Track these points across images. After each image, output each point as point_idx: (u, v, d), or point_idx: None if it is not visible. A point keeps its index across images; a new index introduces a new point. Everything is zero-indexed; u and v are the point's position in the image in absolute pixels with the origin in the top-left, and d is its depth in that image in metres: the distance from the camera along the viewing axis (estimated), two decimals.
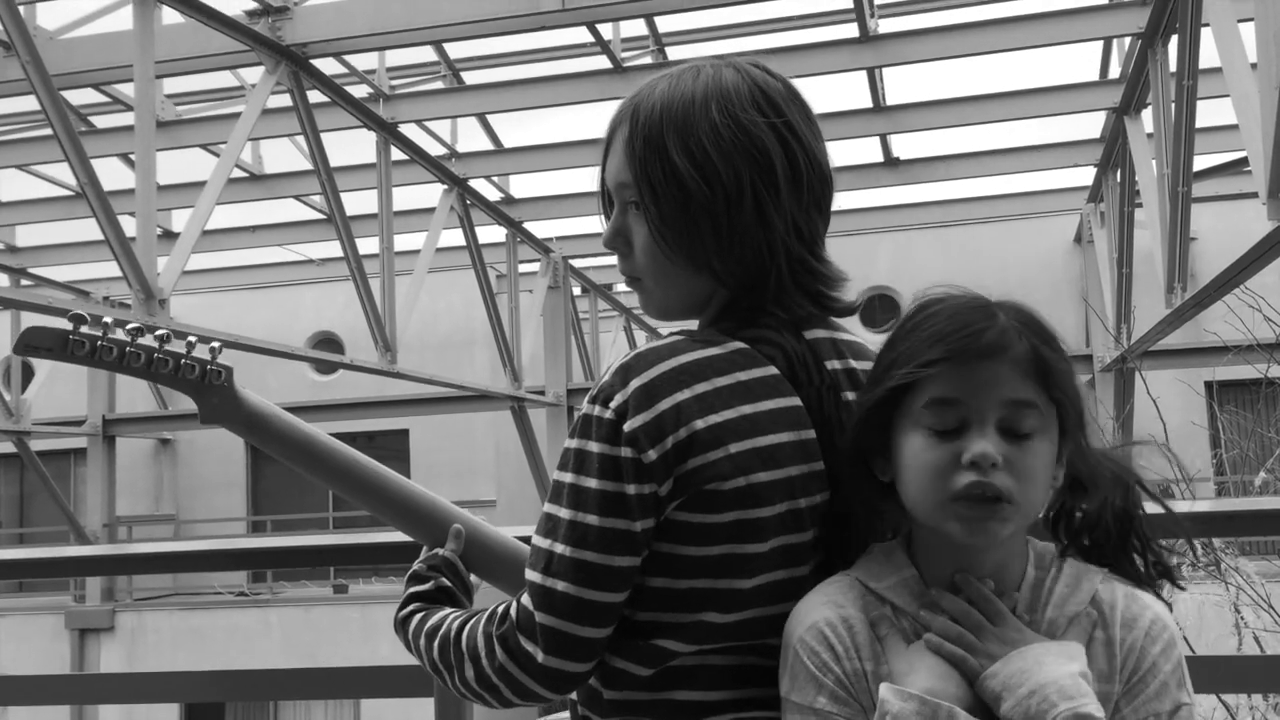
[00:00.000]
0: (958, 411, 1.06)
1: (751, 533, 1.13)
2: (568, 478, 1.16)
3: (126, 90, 9.47)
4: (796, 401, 1.17)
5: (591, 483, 1.13)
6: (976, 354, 1.05)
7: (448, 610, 1.32)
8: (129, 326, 1.36)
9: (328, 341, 16.56)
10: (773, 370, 1.18)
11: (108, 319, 1.33)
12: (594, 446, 1.14)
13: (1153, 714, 1.07)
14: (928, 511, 1.07)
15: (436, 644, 1.26)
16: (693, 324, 1.29)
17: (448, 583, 1.40)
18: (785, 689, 1.09)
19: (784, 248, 1.21)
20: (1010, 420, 1.06)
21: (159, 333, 1.38)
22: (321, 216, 12.90)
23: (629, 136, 1.24)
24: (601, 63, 9.53)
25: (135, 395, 16.08)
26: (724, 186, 1.19)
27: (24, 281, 14.00)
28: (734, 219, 1.19)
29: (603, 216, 1.32)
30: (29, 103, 8.53)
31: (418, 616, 1.33)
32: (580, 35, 9.24)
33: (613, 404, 1.14)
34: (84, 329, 1.33)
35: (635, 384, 1.14)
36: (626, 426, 1.12)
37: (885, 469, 1.13)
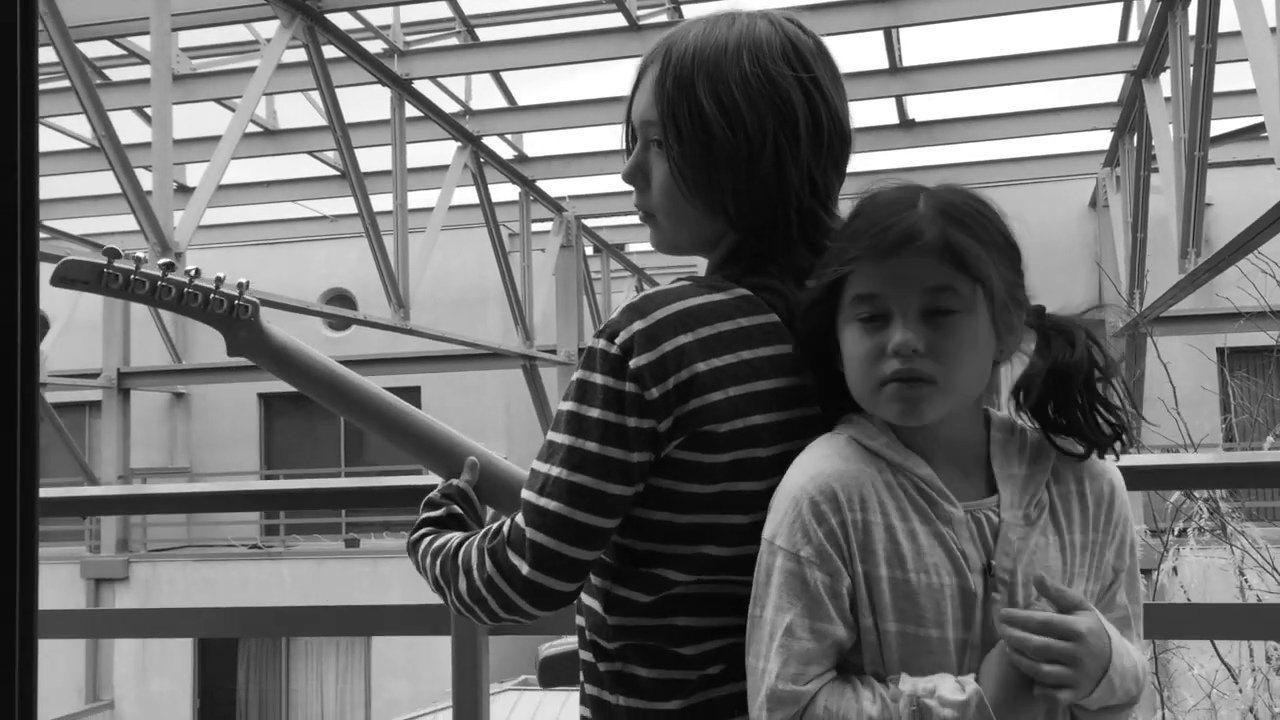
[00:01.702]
0: (879, 303, 1.12)
1: (749, 472, 1.18)
2: (570, 406, 1.20)
3: (141, 43, 9.47)
4: None
5: (594, 412, 1.18)
6: (888, 248, 1.11)
7: (456, 533, 1.37)
8: (160, 262, 1.41)
9: (341, 298, 16.60)
10: (774, 318, 1.22)
11: (140, 253, 1.38)
12: (598, 379, 1.18)
13: (1129, 551, 1.20)
14: (865, 398, 1.15)
15: (440, 561, 1.31)
16: (685, 265, 1.33)
17: (459, 510, 1.45)
18: (771, 533, 1.12)
19: (797, 200, 1.24)
20: (929, 305, 1.11)
21: (189, 268, 1.44)
22: (335, 172, 12.92)
23: (659, 75, 1.27)
24: (617, 20, 9.49)
25: (150, 349, 16.17)
26: (748, 134, 1.22)
27: (39, 234, 14.04)
28: (754, 166, 1.23)
29: (625, 151, 1.35)
30: (45, 54, 8.56)
31: (427, 539, 1.38)
32: None
33: (619, 340, 1.18)
34: (118, 263, 1.39)
35: (641, 324, 1.18)
36: (632, 363, 1.16)
37: (839, 360, 1.18)
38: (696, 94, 1.23)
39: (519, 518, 1.21)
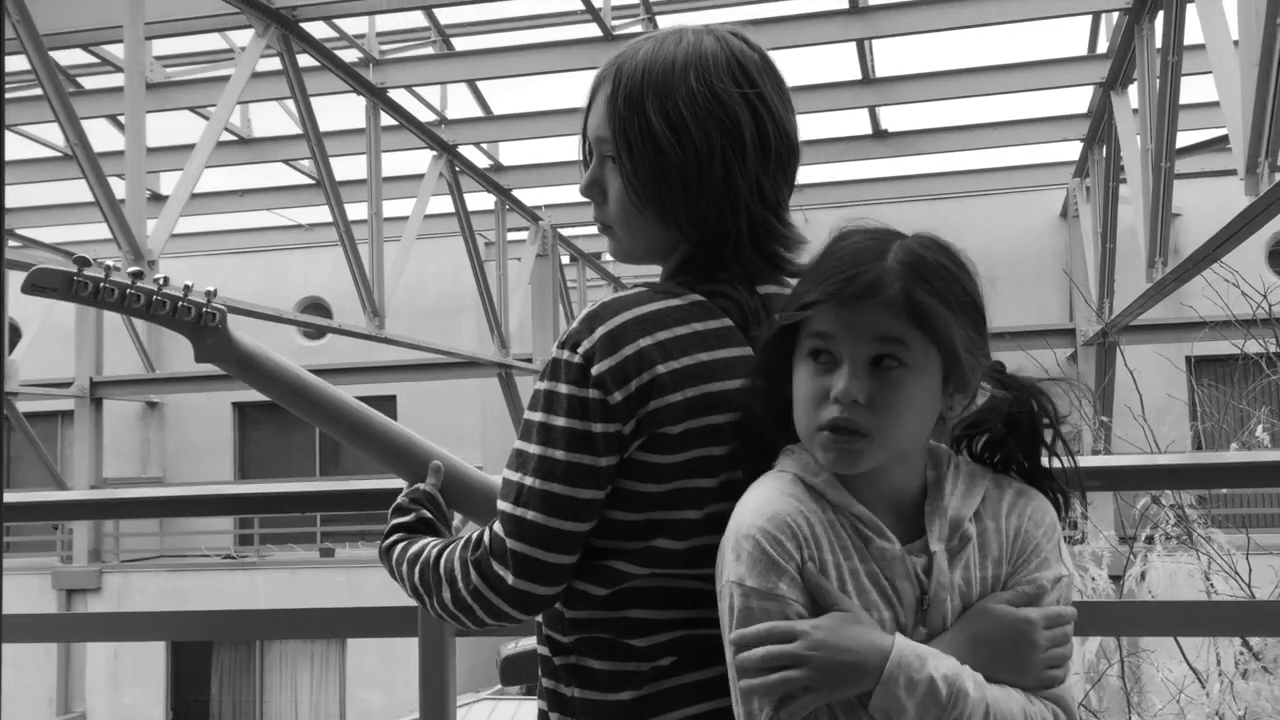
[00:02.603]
0: (832, 345, 1.13)
1: (704, 469, 1.22)
2: (538, 417, 1.24)
3: (115, 51, 9.44)
4: (749, 351, 1.26)
5: (560, 421, 1.22)
6: (851, 297, 1.12)
7: (429, 539, 1.41)
8: (129, 270, 1.44)
9: (316, 306, 16.54)
10: (727, 322, 1.27)
11: (110, 262, 1.41)
12: (563, 388, 1.22)
13: (1041, 574, 1.19)
14: (803, 437, 1.18)
15: (418, 569, 1.35)
16: (656, 274, 1.38)
17: (429, 514, 1.49)
18: (738, 575, 1.12)
19: (746, 210, 1.29)
20: (877, 354, 1.13)
21: (158, 276, 1.48)
22: (310, 181, 12.89)
23: (611, 94, 1.32)
24: (592, 30, 9.54)
25: (122, 358, 16.07)
26: (695, 149, 1.27)
27: (11, 242, 13.97)
28: (702, 180, 1.27)
29: (582, 165, 1.40)
30: (18, 62, 8.53)
31: (400, 545, 1.42)
32: (571, 2, 9.25)
33: (580, 349, 1.22)
34: (88, 271, 1.42)
35: (601, 330, 1.22)
36: (594, 370, 1.21)
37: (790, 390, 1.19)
38: (646, 112, 1.28)
39: (497, 527, 1.25)
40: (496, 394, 13.83)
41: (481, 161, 12.57)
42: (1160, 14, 7.24)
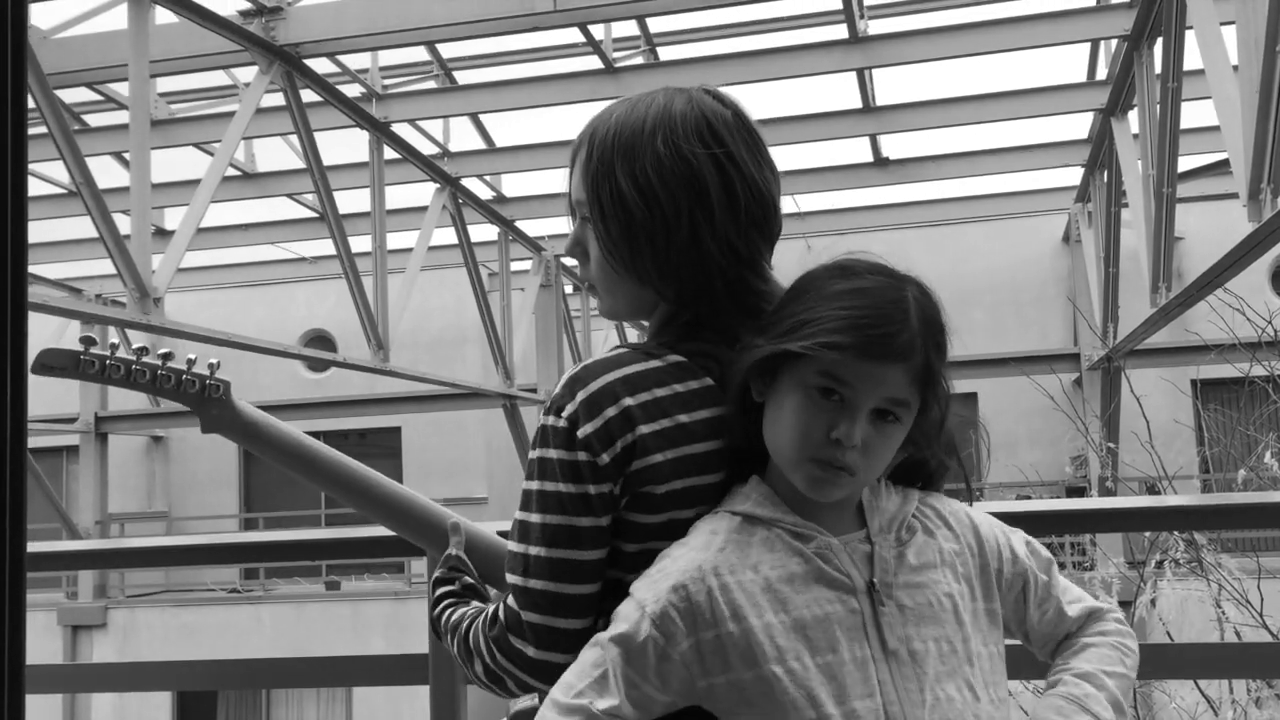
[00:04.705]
0: (844, 392, 1.16)
1: (679, 531, 1.23)
2: (534, 485, 1.26)
3: (120, 89, 9.50)
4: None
5: (555, 486, 1.23)
6: (880, 355, 1.14)
7: (468, 607, 1.42)
8: (135, 346, 1.46)
9: (320, 339, 16.57)
10: (708, 381, 1.28)
11: (114, 339, 1.43)
12: (553, 453, 1.24)
13: (1018, 553, 1.29)
14: (784, 459, 1.19)
15: (457, 640, 1.36)
16: (642, 330, 1.40)
17: (470, 580, 1.49)
18: (613, 632, 1.17)
19: (719, 269, 1.30)
20: (883, 411, 1.17)
21: (162, 351, 1.49)
22: (314, 215, 12.93)
23: (586, 158, 1.35)
24: (593, 63, 9.59)
25: (127, 393, 16.06)
26: (663, 211, 1.28)
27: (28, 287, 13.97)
28: (671, 242, 1.29)
29: (570, 225, 1.43)
30: None
31: (446, 612, 1.43)
32: (572, 36, 9.30)
33: (564, 413, 1.24)
34: (94, 350, 1.44)
35: (583, 394, 1.24)
36: (579, 433, 1.22)
37: (761, 391, 1.22)
38: (615, 175, 1.30)
39: (510, 601, 1.26)
40: (501, 425, 13.82)
41: (484, 193, 12.62)
42: (1159, 40, 7.27)
